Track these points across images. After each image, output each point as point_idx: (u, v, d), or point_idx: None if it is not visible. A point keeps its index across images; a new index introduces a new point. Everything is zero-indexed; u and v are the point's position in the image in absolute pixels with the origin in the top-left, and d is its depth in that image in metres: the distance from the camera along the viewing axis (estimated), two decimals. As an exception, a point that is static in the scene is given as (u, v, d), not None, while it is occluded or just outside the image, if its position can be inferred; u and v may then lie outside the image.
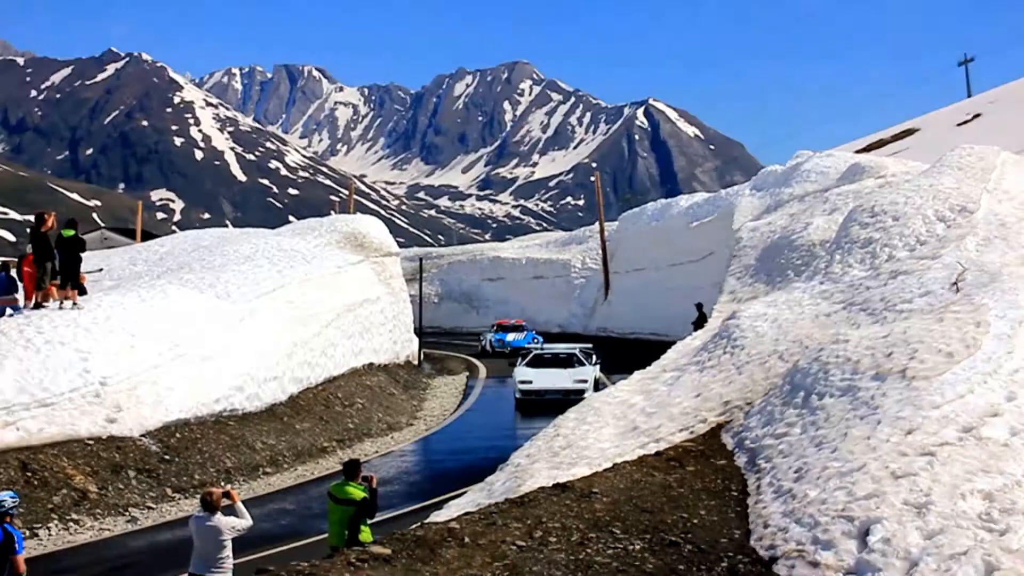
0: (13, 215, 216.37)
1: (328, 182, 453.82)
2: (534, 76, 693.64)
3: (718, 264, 37.89)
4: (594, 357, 33.33)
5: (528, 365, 31.90)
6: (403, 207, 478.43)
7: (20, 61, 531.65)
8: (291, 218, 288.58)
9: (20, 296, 23.37)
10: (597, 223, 59.09)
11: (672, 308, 43.90)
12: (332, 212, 65.12)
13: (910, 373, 12.23)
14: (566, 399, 26.59)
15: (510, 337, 46.25)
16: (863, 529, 9.00)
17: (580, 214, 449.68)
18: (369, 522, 11.79)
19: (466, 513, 11.88)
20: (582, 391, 27.77)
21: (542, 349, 34.30)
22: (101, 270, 29.18)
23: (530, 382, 30.18)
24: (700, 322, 29.90)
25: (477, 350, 47.32)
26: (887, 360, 13.02)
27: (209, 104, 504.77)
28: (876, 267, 20.78)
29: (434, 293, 65.79)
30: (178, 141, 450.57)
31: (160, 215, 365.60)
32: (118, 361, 20.91)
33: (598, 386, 28.24)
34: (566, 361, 31.94)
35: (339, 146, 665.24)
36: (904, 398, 11.60)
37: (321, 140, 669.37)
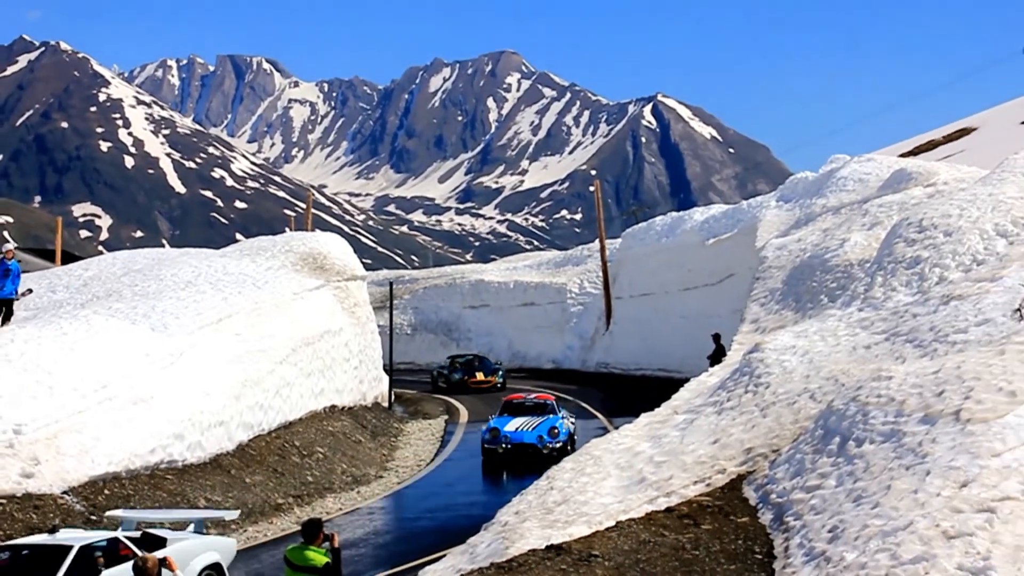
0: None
1: (282, 194, 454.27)
2: (523, 68, 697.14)
3: (739, 288, 38.01)
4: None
5: None
6: (370, 223, 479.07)
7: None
8: (238, 236, 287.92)
9: None
10: (597, 240, 59.24)
11: (684, 340, 43.98)
12: (287, 229, 65.06)
13: (965, 415, 12.29)
14: None
15: (512, 426, 31.55)
16: (910, 598, 9.04)
17: (577, 230, 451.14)
18: (333, 592, 11.74)
19: (446, 581, 11.88)
20: None
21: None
22: (30, 291, 29.07)
23: None
24: (717, 356, 29.99)
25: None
26: (938, 400, 13.09)
27: (141, 102, 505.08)
28: (925, 291, 20.90)
29: (407, 323, 65.76)
30: (104, 146, 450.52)
31: (84, 233, 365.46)
32: (34, 406, 20.83)
33: None
34: None
35: (294, 151, 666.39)
36: (958, 444, 11.66)
37: (273, 144, 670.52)
